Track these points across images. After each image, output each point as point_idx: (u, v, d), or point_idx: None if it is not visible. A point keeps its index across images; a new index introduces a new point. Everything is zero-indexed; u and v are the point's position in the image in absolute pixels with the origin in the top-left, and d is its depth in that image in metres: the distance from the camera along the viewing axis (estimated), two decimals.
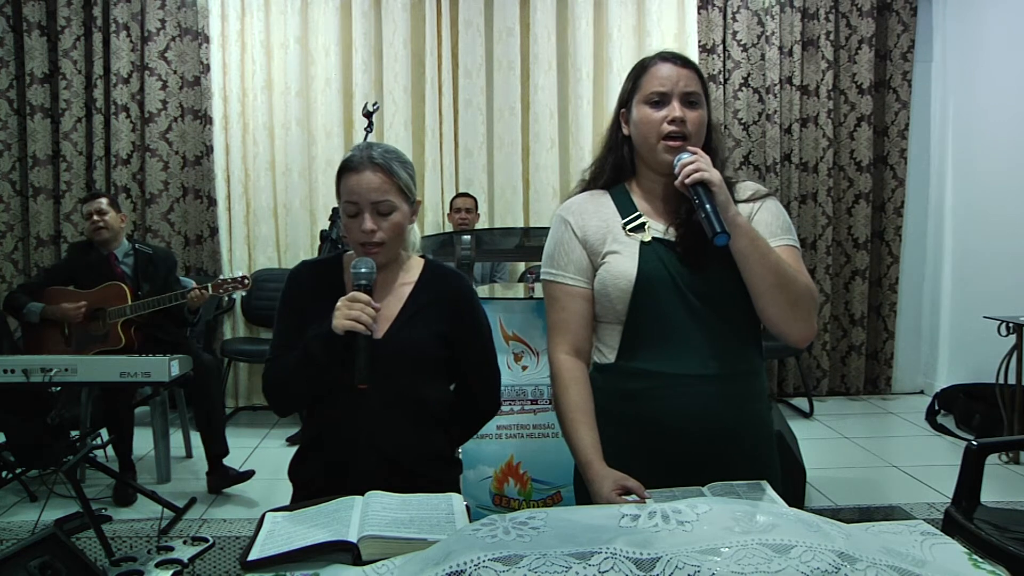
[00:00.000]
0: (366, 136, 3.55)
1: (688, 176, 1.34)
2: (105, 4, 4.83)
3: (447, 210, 4.88)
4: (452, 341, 1.58)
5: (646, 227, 1.44)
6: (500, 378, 1.71)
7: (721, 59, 5.06)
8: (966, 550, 1.05)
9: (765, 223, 1.44)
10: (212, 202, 4.89)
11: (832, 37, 5.05)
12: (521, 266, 4.85)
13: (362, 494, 1.27)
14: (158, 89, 4.88)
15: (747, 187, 1.50)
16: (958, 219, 5.00)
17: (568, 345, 1.46)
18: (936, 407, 4.46)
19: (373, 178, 1.49)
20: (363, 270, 1.48)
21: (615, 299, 1.42)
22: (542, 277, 1.53)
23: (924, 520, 1.18)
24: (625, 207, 1.47)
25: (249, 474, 3.38)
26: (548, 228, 1.56)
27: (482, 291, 3.01)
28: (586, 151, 5.00)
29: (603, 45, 5.03)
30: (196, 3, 4.84)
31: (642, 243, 1.42)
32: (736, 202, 1.43)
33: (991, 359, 3.79)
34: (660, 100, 1.42)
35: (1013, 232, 4.36)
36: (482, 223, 4.85)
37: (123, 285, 3.53)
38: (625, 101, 1.49)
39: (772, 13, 5.00)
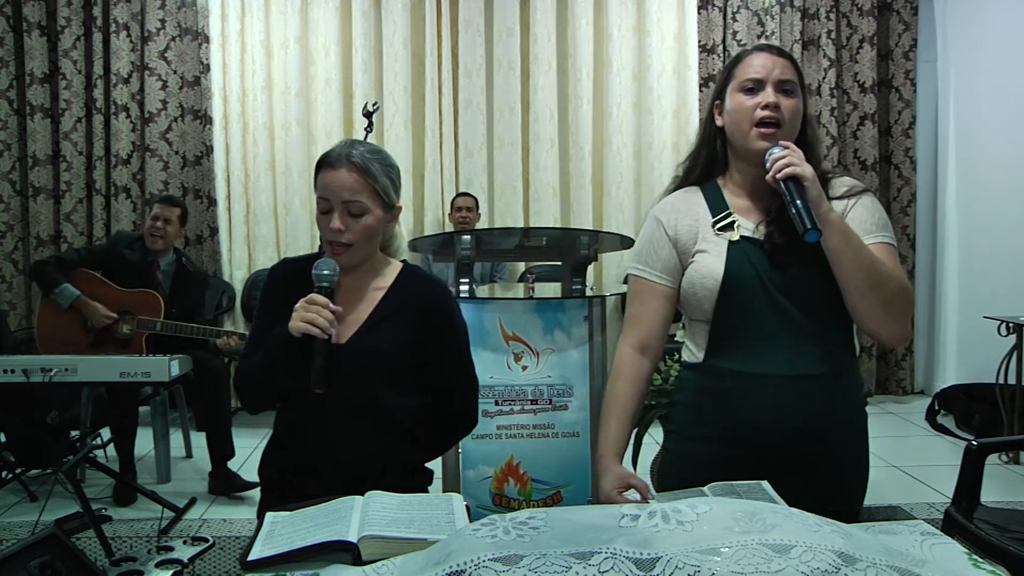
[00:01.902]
0: (366, 136, 3.55)
1: (780, 171, 1.32)
2: (105, 4, 4.83)
3: (447, 210, 4.88)
4: (423, 350, 1.54)
5: (736, 225, 1.42)
6: (478, 390, 1.67)
7: (721, 59, 5.05)
8: (966, 550, 1.05)
9: (860, 220, 1.40)
10: (212, 202, 4.89)
11: (833, 36, 5.05)
12: (521, 266, 4.84)
13: (326, 498, 1.25)
14: (158, 89, 4.88)
15: (843, 183, 1.47)
16: (960, 218, 5.00)
17: (636, 339, 1.47)
18: (936, 407, 4.46)
19: (347, 177, 1.45)
20: (324, 272, 1.45)
21: (702, 298, 1.41)
22: (629, 272, 1.53)
23: (924, 520, 1.18)
24: (716, 205, 1.46)
25: (253, 484, 3.32)
26: (548, 228, 1.58)
27: (482, 291, 3.01)
28: (586, 151, 5.00)
29: (603, 45, 5.04)
30: (196, 3, 4.84)
31: (730, 242, 1.40)
32: (831, 198, 1.40)
33: (991, 359, 3.79)
34: (754, 87, 1.40)
35: (1014, 232, 4.36)
36: (482, 223, 4.85)
37: (159, 297, 3.51)
38: (720, 92, 1.47)
39: (772, 13, 4.99)
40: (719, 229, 1.42)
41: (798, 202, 1.29)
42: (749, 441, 1.39)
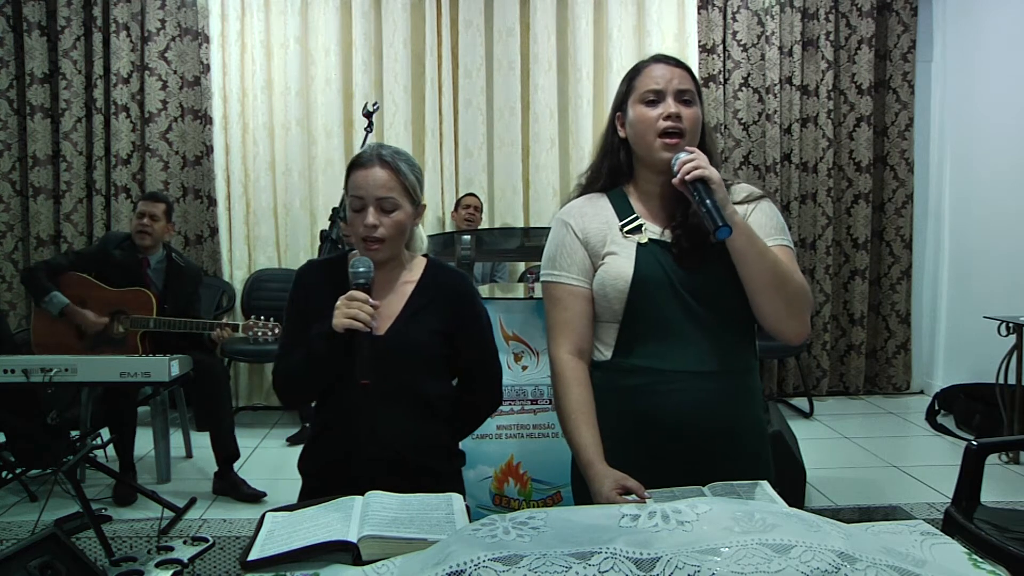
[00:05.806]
0: (366, 136, 3.55)
1: (688, 173, 1.35)
2: (105, 4, 4.83)
3: (451, 209, 4.89)
4: (453, 339, 1.62)
5: (643, 229, 1.46)
6: (501, 374, 1.75)
7: (721, 59, 5.06)
8: (966, 550, 1.05)
9: (759, 224, 1.45)
10: (212, 202, 4.89)
11: (832, 37, 5.05)
12: (521, 266, 4.85)
13: (365, 488, 1.29)
14: (158, 89, 4.88)
15: (742, 189, 1.52)
16: (956, 219, 5.00)
17: (571, 344, 1.47)
18: (936, 407, 4.46)
19: (380, 174, 1.54)
20: (361, 269, 1.52)
21: (612, 299, 1.44)
22: (543, 279, 1.54)
23: (924, 520, 1.18)
24: (623, 210, 1.49)
25: (261, 494, 3.31)
26: (548, 228, 1.57)
27: (482, 291, 3.01)
28: (586, 151, 5.00)
29: (603, 45, 5.04)
30: (196, 3, 4.84)
31: (639, 244, 1.44)
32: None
33: (991, 359, 3.79)
34: (655, 98, 1.44)
35: (1012, 232, 4.36)
36: (482, 223, 4.86)
37: (151, 295, 3.50)
38: (620, 104, 1.51)
39: (772, 13, 4.99)
40: (627, 232, 1.46)
41: (708, 201, 1.33)
42: (655, 436, 1.42)
